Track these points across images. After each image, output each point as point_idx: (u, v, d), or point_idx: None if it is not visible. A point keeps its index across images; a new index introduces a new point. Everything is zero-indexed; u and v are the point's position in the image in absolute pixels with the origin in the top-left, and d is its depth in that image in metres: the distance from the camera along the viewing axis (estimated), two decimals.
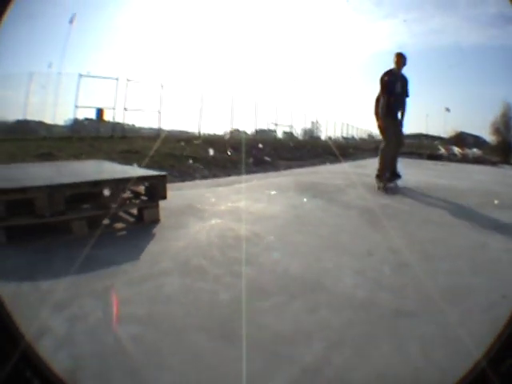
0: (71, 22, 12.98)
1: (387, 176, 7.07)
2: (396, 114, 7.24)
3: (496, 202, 5.95)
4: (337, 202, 5.57)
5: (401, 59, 7.32)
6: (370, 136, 24.88)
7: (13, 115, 14.07)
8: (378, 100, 7.31)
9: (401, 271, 3.11)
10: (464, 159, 17.78)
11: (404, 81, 7.42)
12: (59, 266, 2.98)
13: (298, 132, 26.72)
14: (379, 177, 7.07)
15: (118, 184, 4.00)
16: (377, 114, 7.28)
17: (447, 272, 3.12)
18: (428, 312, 2.43)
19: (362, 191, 6.33)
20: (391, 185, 7.09)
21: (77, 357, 1.90)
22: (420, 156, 17.85)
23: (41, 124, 14.91)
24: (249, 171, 7.87)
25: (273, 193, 5.60)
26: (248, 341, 2.05)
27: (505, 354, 1.43)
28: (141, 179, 4.29)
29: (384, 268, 3.16)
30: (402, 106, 7.36)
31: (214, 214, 4.53)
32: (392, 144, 7.08)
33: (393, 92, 7.13)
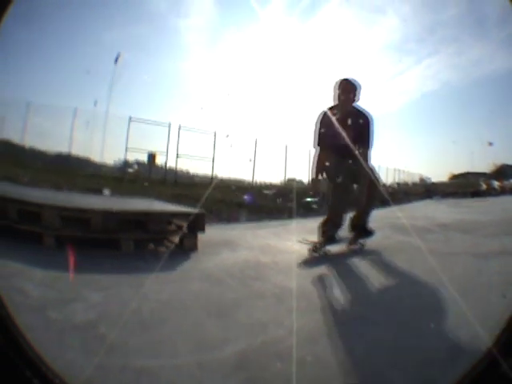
0: (116, 61, 13.81)
1: (330, 233, 5.36)
2: (339, 176, 5.36)
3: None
4: None
5: (346, 91, 5.41)
6: (422, 180, 25.12)
7: (54, 147, 14.71)
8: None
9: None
10: (502, 191, 18.30)
11: (357, 123, 5.39)
12: (104, 267, 4.13)
13: None
14: (324, 233, 5.38)
15: (163, 216, 5.28)
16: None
17: None
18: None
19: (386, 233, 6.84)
20: (324, 249, 5.20)
21: (102, 313, 2.93)
22: (464, 194, 18.33)
23: (87, 161, 15.51)
24: (293, 217, 8.53)
25: (303, 235, 6.34)
26: (233, 321, 3.00)
27: None
28: (183, 214, 5.40)
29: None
30: (351, 163, 5.35)
31: (245, 248, 5.43)
32: (342, 195, 5.36)
33: (332, 144, 5.41)
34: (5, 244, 4.35)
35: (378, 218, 8.92)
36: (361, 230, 5.60)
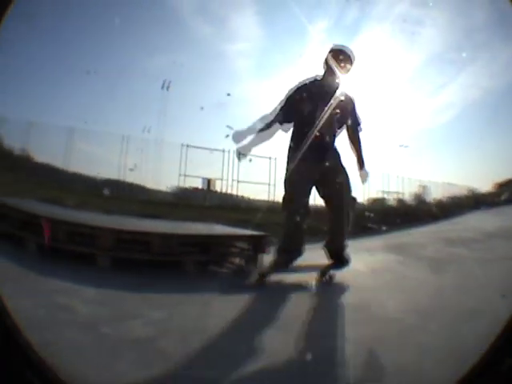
0: (167, 88, 13.64)
1: (280, 261, 4.54)
2: (317, 157, 4.55)
3: None
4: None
5: (346, 62, 4.56)
6: (470, 191, 24.53)
7: (103, 174, 14.68)
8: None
9: None
10: None
11: (346, 101, 4.68)
12: (164, 287, 4.14)
13: (408, 198, 27.01)
14: (276, 259, 4.58)
15: (225, 239, 5.32)
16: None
17: None
18: None
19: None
20: (267, 277, 4.49)
21: (161, 329, 2.91)
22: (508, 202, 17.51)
23: (139, 187, 15.44)
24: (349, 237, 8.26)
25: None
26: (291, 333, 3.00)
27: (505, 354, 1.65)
28: (245, 237, 5.41)
29: None
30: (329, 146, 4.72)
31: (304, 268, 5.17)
32: (298, 207, 4.52)
33: (307, 120, 4.53)
34: (52, 264, 4.34)
35: (426, 233, 9.38)
36: (334, 257, 4.76)
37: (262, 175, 18.16)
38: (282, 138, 4.72)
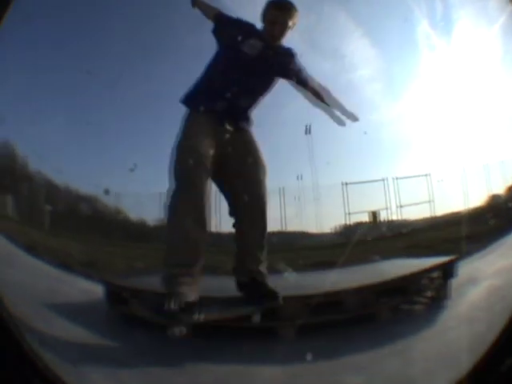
0: (309, 131, 13.54)
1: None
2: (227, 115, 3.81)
3: None
4: None
5: (287, 17, 3.84)
6: None
7: None
8: None
9: None
10: None
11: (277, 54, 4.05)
12: (359, 344, 3.79)
13: None
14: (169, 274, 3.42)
15: (413, 276, 4.96)
16: None
17: None
18: None
19: None
20: None
21: None
22: None
23: (302, 234, 15.29)
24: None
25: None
26: None
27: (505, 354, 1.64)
28: (435, 267, 5.10)
29: None
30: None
31: (487, 278, 4.92)
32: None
33: (232, 55, 3.96)
34: (213, 346, 3.78)
35: None
36: (251, 286, 3.80)
37: (421, 194, 17.55)
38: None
